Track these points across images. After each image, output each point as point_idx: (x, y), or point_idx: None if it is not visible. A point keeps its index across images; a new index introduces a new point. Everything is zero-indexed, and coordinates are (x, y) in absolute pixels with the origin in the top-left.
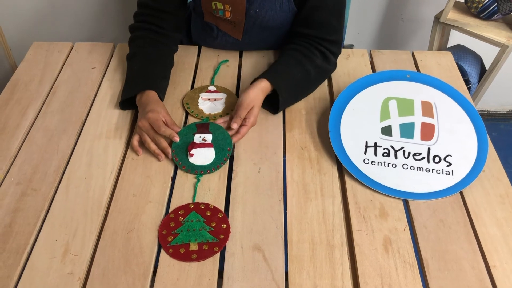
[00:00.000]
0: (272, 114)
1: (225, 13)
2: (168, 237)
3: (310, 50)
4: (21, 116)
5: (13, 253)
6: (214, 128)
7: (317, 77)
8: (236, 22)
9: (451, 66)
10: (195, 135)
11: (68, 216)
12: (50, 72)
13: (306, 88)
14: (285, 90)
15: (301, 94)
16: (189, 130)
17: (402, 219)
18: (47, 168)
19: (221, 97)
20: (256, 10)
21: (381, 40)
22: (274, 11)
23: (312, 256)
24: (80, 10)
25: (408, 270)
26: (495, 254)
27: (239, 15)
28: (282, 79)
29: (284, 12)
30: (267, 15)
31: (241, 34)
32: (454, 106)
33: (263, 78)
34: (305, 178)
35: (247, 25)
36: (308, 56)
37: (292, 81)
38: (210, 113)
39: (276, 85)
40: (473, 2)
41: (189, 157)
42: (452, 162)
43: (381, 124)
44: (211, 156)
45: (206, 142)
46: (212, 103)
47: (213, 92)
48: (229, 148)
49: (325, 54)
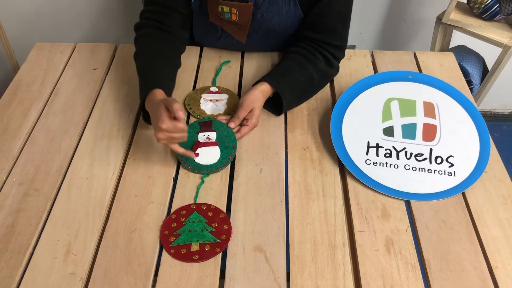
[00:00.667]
0: (274, 115)
1: (231, 16)
2: (170, 237)
3: (314, 54)
4: (24, 117)
5: (15, 254)
6: (218, 126)
7: (320, 81)
8: (242, 25)
9: (453, 67)
10: (199, 134)
11: (70, 216)
12: (52, 73)
13: (309, 92)
14: (288, 94)
15: (304, 98)
16: (192, 128)
17: (404, 220)
18: (49, 169)
19: (223, 97)
20: (263, 15)
21: (383, 41)
22: (280, 16)
23: (314, 256)
24: (82, 11)
25: (410, 270)
26: (497, 254)
27: (246, 18)
28: (285, 83)
29: (291, 18)
30: (273, 20)
31: (245, 37)
32: (456, 106)
33: (264, 81)
34: (307, 179)
35: (252, 29)
36: (311, 61)
37: (295, 85)
38: (212, 114)
39: (279, 89)
40: (475, 3)
41: (195, 157)
42: (454, 163)
43: (383, 125)
44: (217, 154)
45: (210, 141)
46: (214, 104)
47: (215, 93)
48: (234, 145)
49: (328, 59)
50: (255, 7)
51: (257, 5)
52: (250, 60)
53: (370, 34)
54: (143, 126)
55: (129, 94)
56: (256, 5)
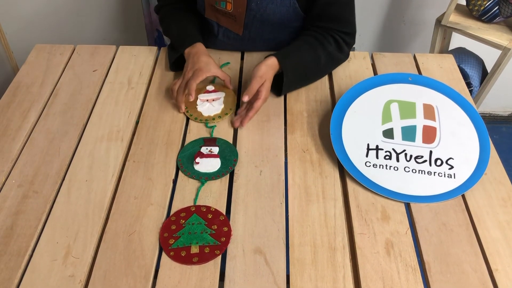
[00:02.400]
0: (274, 115)
1: (227, 5)
2: (169, 239)
3: (325, 37)
4: (23, 119)
5: (14, 256)
6: (221, 142)
7: (327, 64)
8: (237, 16)
9: (452, 69)
10: (202, 147)
11: (70, 218)
12: (52, 74)
13: (314, 73)
14: (291, 71)
15: (308, 79)
16: (196, 143)
17: (404, 222)
18: (48, 171)
19: (220, 96)
20: (257, 3)
21: (383, 43)
22: (274, 4)
23: (313, 259)
24: (82, 13)
25: (410, 273)
26: (497, 257)
27: (240, 8)
28: (290, 60)
29: (285, 7)
30: (267, 9)
31: (241, 28)
32: (456, 109)
33: (272, 56)
34: (307, 181)
35: (247, 19)
36: (321, 42)
37: (300, 64)
38: (209, 115)
39: (283, 65)
40: (474, 5)
41: (195, 165)
42: (454, 165)
43: (383, 127)
44: (217, 165)
45: (212, 153)
46: (210, 104)
47: (211, 92)
48: (235, 159)
49: (339, 42)
50: None
51: None
52: (250, 62)
53: (370, 36)
54: (143, 128)
55: (129, 96)
56: None
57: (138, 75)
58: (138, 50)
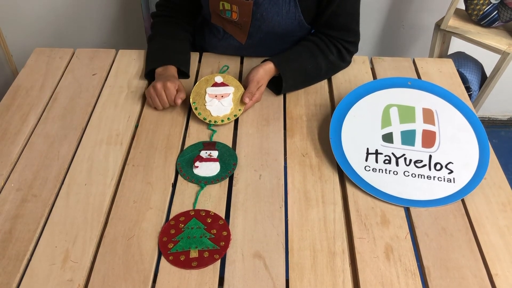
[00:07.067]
0: (274, 119)
1: (232, 14)
2: (168, 244)
3: (328, 45)
4: (22, 122)
5: (12, 260)
6: (221, 146)
7: (327, 72)
8: (242, 25)
9: (452, 73)
10: (201, 151)
11: (68, 222)
12: (51, 78)
13: (314, 80)
14: (290, 77)
15: (307, 84)
16: (195, 147)
17: (403, 227)
18: (47, 174)
19: (229, 91)
20: (263, 14)
21: (382, 47)
22: (280, 16)
23: (313, 263)
24: (81, 17)
25: (409, 278)
26: (497, 262)
27: (246, 17)
28: (291, 67)
29: (290, 19)
30: (273, 20)
31: (245, 37)
32: (455, 113)
33: (270, 61)
34: (306, 185)
35: (252, 28)
36: (323, 51)
37: (300, 72)
38: (218, 115)
39: (282, 72)
40: (473, 10)
41: (194, 169)
42: (454, 170)
43: (382, 131)
44: (216, 169)
45: (212, 157)
46: (219, 101)
47: (219, 85)
48: (235, 163)
49: (341, 52)
50: (255, 5)
51: (257, 4)
52: (249, 66)
53: (369, 40)
54: (142, 131)
55: (128, 99)
56: (256, 3)
57: (138, 79)
58: (138, 54)
